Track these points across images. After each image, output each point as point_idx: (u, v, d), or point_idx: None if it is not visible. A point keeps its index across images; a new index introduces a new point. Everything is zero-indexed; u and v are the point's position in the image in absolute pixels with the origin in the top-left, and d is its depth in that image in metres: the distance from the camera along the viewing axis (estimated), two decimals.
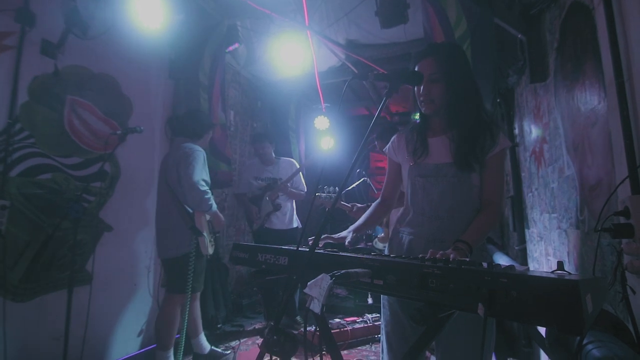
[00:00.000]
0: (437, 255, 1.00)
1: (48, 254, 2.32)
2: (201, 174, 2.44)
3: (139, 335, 2.89)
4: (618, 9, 1.23)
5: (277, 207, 3.31)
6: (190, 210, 2.47)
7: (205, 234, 2.47)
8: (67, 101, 2.48)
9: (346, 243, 1.35)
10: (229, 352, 2.90)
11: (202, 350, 2.70)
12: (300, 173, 3.58)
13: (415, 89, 1.33)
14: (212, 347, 2.77)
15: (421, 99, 1.31)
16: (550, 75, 2.13)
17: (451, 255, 1.00)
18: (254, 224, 3.41)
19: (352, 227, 1.44)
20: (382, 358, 1.38)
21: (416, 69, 1.32)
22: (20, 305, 2.18)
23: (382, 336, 1.40)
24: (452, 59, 1.30)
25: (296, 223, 3.65)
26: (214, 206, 2.49)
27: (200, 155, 2.50)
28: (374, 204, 1.55)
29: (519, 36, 2.39)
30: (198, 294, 2.68)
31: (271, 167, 3.52)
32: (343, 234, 1.40)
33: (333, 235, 1.40)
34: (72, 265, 2.02)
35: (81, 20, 2.47)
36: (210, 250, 2.56)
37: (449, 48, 1.37)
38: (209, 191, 2.45)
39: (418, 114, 1.43)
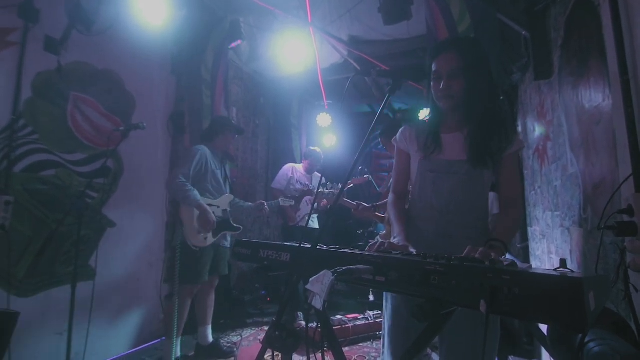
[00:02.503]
0: (477, 255, 0.96)
1: (52, 249, 2.33)
2: (183, 169, 2.53)
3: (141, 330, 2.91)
4: (624, 6, 1.22)
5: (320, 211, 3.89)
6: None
7: (186, 226, 2.52)
8: (70, 97, 2.49)
9: (411, 250, 1.15)
10: (230, 344, 2.93)
11: (205, 342, 2.74)
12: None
13: (433, 83, 1.29)
14: (216, 339, 2.80)
15: (440, 94, 1.27)
16: (555, 73, 2.11)
17: (492, 254, 0.97)
18: (290, 221, 3.76)
19: (404, 236, 1.29)
20: (383, 353, 1.38)
21: (434, 63, 1.27)
22: (25, 299, 2.20)
23: (384, 331, 1.40)
24: (473, 53, 1.26)
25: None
26: (192, 198, 2.48)
27: (191, 153, 2.63)
28: (394, 203, 1.43)
29: (523, 33, 2.37)
30: (211, 286, 2.74)
31: (310, 176, 4.03)
32: (402, 243, 1.24)
33: (394, 242, 1.22)
34: (76, 261, 2.04)
35: (85, 16, 2.48)
36: (200, 243, 2.55)
37: (471, 42, 1.34)
38: (187, 183, 2.50)
39: (429, 109, 1.39)
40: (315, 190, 3.90)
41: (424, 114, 4.13)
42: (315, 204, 3.76)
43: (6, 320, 1.78)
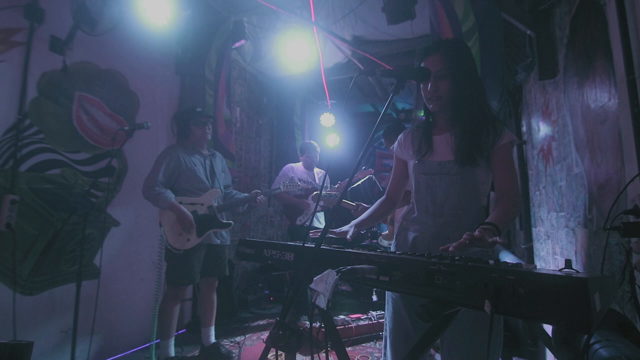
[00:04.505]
0: (464, 237, 0.94)
1: (57, 248, 2.35)
2: (152, 175, 2.47)
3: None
4: (630, 5, 1.21)
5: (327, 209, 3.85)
6: None
7: (165, 228, 2.46)
8: (75, 97, 2.51)
9: (348, 237, 1.35)
10: (232, 344, 2.93)
11: (207, 342, 2.74)
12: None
13: (421, 85, 1.32)
14: (217, 342, 2.80)
15: (428, 95, 1.30)
16: (560, 72, 2.10)
17: (476, 232, 0.97)
18: (298, 220, 3.70)
19: (354, 222, 1.44)
20: (385, 354, 1.39)
21: (422, 65, 1.30)
22: (30, 298, 2.21)
23: (385, 332, 1.40)
24: (458, 55, 1.29)
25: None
26: (163, 201, 2.42)
27: (159, 157, 2.54)
28: (378, 201, 1.55)
29: (528, 32, 2.36)
30: (210, 289, 2.71)
31: (311, 172, 3.91)
32: (345, 228, 1.40)
33: (335, 230, 1.39)
34: (81, 259, 2.05)
35: (89, 16, 2.49)
36: (181, 245, 2.47)
37: (455, 44, 1.36)
38: (155, 187, 2.43)
39: (422, 111, 1.42)
40: (319, 187, 3.84)
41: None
42: (321, 203, 3.71)
43: (19, 352, 1.74)
